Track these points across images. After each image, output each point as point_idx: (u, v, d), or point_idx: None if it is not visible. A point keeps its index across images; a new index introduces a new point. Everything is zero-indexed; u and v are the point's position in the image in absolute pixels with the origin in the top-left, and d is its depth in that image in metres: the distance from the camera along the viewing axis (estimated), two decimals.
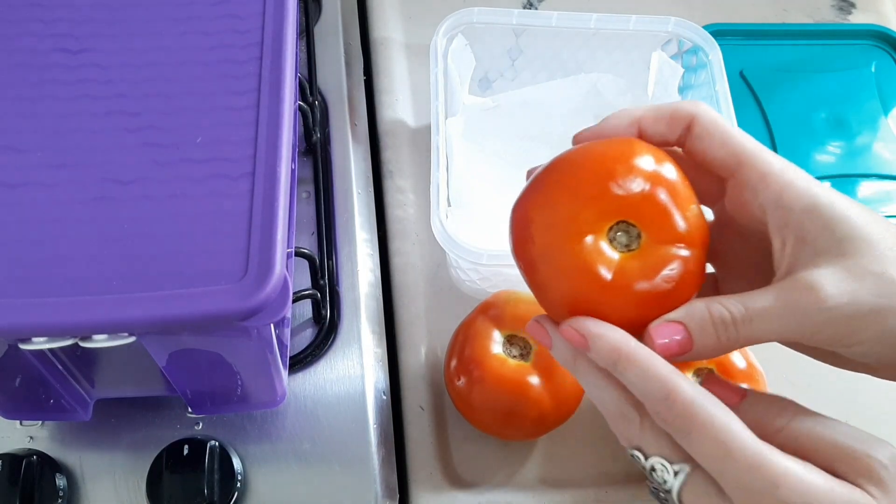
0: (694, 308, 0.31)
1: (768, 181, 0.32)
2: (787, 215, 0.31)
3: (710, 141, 0.33)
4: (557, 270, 0.32)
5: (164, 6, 0.43)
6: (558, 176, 0.33)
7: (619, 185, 0.32)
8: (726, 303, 0.31)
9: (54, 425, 0.49)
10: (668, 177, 0.32)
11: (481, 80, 0.65)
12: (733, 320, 0.31)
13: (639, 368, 0.30)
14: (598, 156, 0.33)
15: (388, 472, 0.50)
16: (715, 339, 0.31)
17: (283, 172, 0.38)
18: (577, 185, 0.32)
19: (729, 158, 0.33)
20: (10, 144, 0.38)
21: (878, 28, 0.71)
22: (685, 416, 0.29)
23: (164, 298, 0.34)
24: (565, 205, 0.32)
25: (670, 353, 0.31)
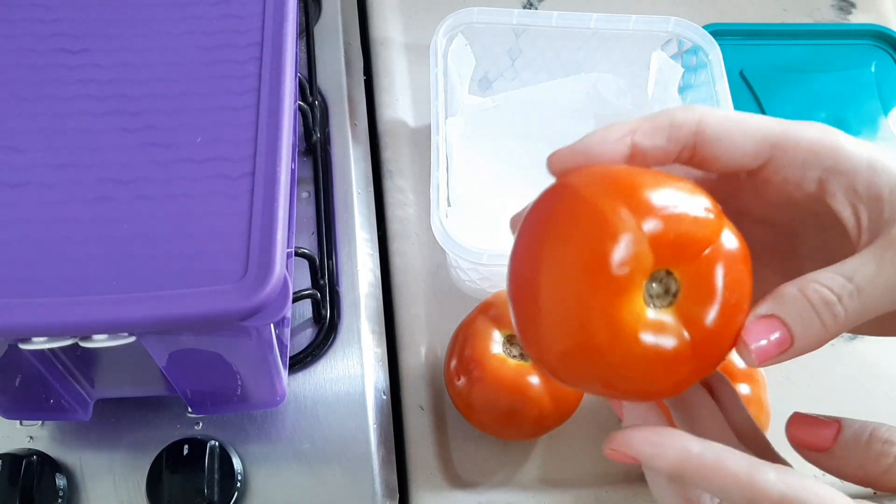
0: (785, 295, 0.27)
1: (817, 150, 0.29)
2: (851, 177, 0.28)
3: (731, 138, 0.29)
4: (582, 333, 0.26)
5: (164, 6, 0.43)
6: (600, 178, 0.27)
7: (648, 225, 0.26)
8: (822, 278, 0.27)
9: (54, 425, 0.49)
10: (733, 249, 0.27)
11: (481, 80, 0.65)
12: (838, 297, 0.26)
13: (711, 480, 0.27)
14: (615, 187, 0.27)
15: (388, 472, 0.50)
16: (820, 327, 0.26)
17: (283, 172, 0.38)
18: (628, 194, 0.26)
19: (760, 146, 0.29)
20: (10, 144, 0.38)
21: (878, 28, 0.71)
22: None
23: (164, 298, 0.34)
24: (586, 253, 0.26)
25: (768, 358, 0.27)
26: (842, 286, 0.26)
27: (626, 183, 0.27)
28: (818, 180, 0.29)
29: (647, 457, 0.27)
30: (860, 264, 0.27)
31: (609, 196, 0.26)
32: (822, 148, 0.29)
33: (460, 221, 0.56)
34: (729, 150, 0.29)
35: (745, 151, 0.29)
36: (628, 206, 0.26)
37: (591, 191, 0.27)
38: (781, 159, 0.29)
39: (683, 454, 0.27)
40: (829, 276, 0.27)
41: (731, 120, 0.29)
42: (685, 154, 0.30)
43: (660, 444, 0.27)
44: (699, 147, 0.30)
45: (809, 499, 0.26)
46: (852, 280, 0.26)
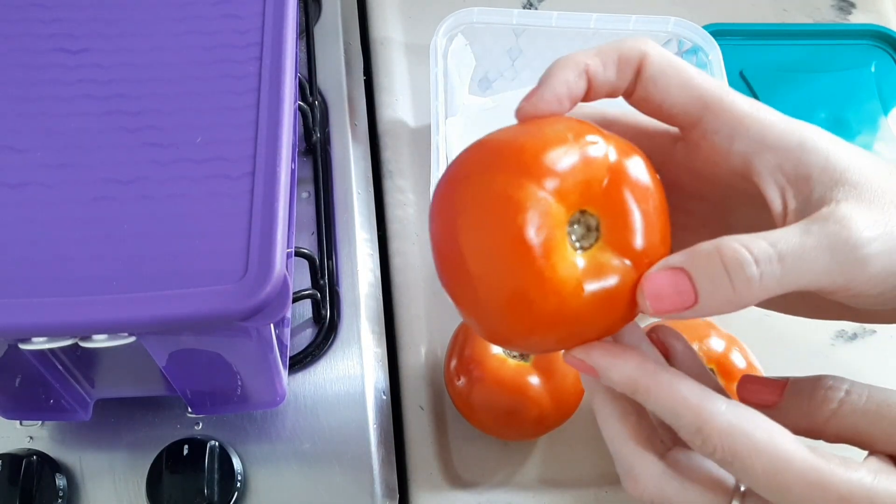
0: (700, 250, 0.26)
1: (747, 123, 0.28)
2: (780, 155, 0.27)
3: (667, 84, 0.29)
4: (497, 270, 0.27)
5: (164, 6, 0.43)
6: (492, 158, 0.28)
7: (576, 168, 0.27)
8: (742, 238, 0.25)
9: (54, 425, 0.49)
10: (632, 169, 0.28)
11: (481, 80, 0.65)
12: (756, 261, 0.25)
13: (663, 400, 0.27)
14: (541, 137, 0.28)
15: (388, 472, 0.50)
16: (729, 290, 0.25)
17: (283, 172, 0.38)
18: (522, 166, 0.27)
19: (692, 103, 0.29)
20: (10, 144, 0.38)
21: (878, 28, 0.71)
22: (724, 446, 0.26)
23: (164, 298, 0.34)
24: (506, 188, 0.27)
25: (666, 312, 0.26)
26: (762, 249, 0.25)
27: (516, 153, 0.27)
28: (744, 155, 0.28)
29: (603, 366, 0.28)
30: (785, 233, 0.26)
31: (504, 175, 0.27)
32: (752, 121, 0.28)
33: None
34: (662, 95, 0.29)
35: (677, 101, 0.29)
36: (524, 176, 0.26)
37: (488, 177, 0.27)
38: (711, 123, 0.28)
39: (640, 369, 0.27)
40: (750, 238, 0.25)
41: (673, 66, 0.29)
42: (629, 89, 0.30)
43: (619, 354, 0.28)
44: (638, 85, 0.29)
45: (755, 432, 0.26)
46: (775, 245, 0.25)
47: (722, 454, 0.26)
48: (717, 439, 0.26)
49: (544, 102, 0.29)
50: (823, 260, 0.25)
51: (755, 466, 0.26)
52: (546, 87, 0.29)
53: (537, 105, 0.29)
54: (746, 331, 0.53)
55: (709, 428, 0.26)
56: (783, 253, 0.25)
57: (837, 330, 0.59)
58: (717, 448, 0.26)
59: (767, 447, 0.26)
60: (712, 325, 0.52)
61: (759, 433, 0.26)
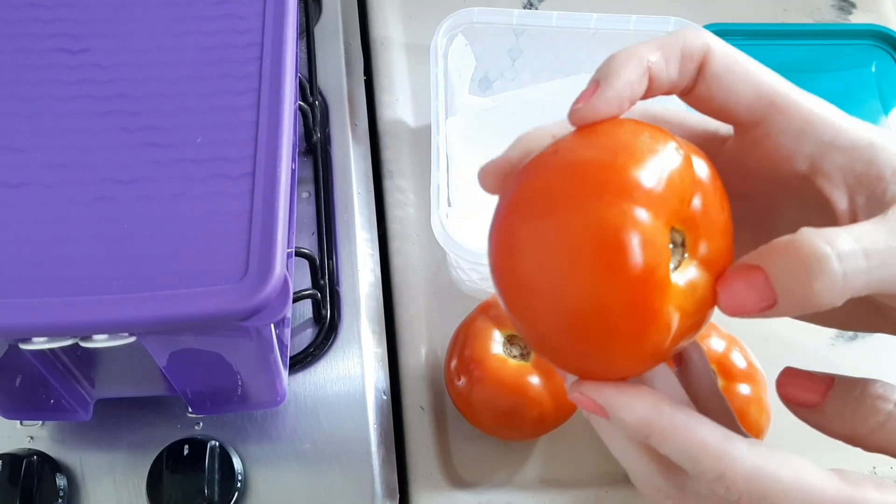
0: (775, 243, 0.24)
1: (815, 123, 0.26)
2: (851, 155, 0.26)
3: (732, 82, 0.27)
4: (605, 310, 0.24)
5: (165, 6, 0.43)
6: (580, 180, 0.25)
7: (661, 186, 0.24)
8: (826, 233, 0.23)
9: (54, 425, 0.49)
10: (706, 180, 0.26)
11: (481, 80, 0.65)
12: (839, 256, 0.23)
13: (679, 445, 0.25)
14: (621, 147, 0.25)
15: (388, 472, 0.50)
16: (808, 287, 0.23)
17: (283, 172, 0.38)
18: (619, 188, 0.24)
19: (757, 102, 0.27)
20: (10, 144, 0.38)
21: (878, 28, 0.71)
22: (752, 492, 0.25)
23: (164, 298, 0.34)
24: (607, 216, 0.24)
25: (744, 313, 0.24)
26: (845, 243, 0.23)
27: (607, 172, 0.25)
28: (811, 157, 0.27)
29: (614, 406, 0.26)
30: (869, 228, 0.23)
31: (602, 201, 0.24)
32: (821, 122, 0.27)
33: (460, 221, 0.56)
34: (726, 93, 0.27)
35: (741, 100, 0.27)
36: (626, 200, 0.24)
37: (583, 205, 0.25)
38: (777, 122, 0.27)
39: (654, 410, 0.25)
40: (834, 231, 0.23)
41: (740, 62, 0.27)
42: (688, 87, 0.28)
43: (631, 394, 0.26)
44: (699, 83, 0.27)
45: (781, 472, 0.25)
46: (860, 240, 0.23)
47: (749, 500, 0.25)
48: (742, 485, 0.25)
49: (605, 106, 0.26)
50: None
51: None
52: (608, 89, 0.26)
53: (597, 109, 0.26)
54: (746, 331, 0.53)
55: (732, 474, 0.25)
56: (870, 249, 0.23)
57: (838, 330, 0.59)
58: (744, 494, 0.25)
59: (796, 486, 0.24)
60: (712, 324, 0.52)
61: (784, 472, 0.25)
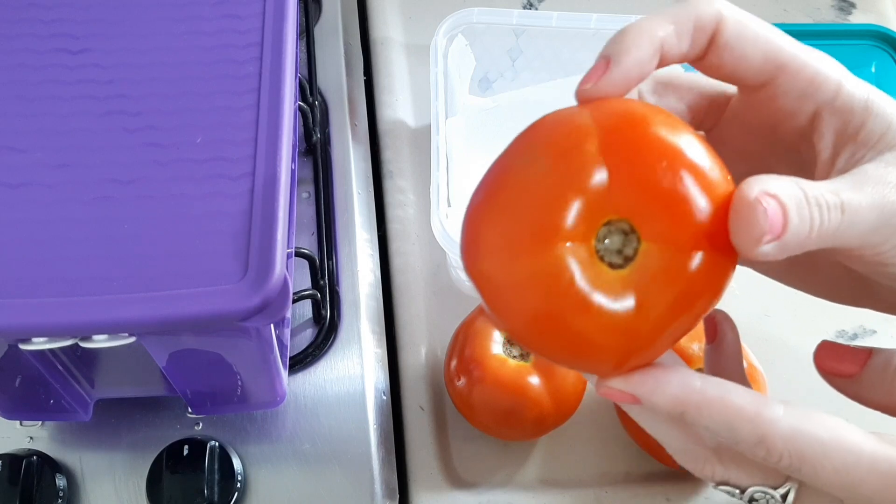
0: (782, 184, 0.24)
1: (818, 83, 0.27)
2: (845, 117, 0.27)
3: (742, 48, 0.27)
4: (516, 288, 0.24)
5: (164, 6, 0.43)
6: (521, 159, 0.25)
7: (608, 168, 0.24)
8: (816, 183, 0.25)
9: (54, 425, 0.49)
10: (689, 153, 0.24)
11: (481, 80, 0.65)
12: (828, 206, 0.24)
13: (716, 416, 0.25)
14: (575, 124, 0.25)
15: (388, 472, 0.50)
16: (808, 227, 0.24)
17: (283, 172, 0.38)
18: (542, 173, 0.24)
19: (767, 64, 0.27)
20: (10, 144, 0.38)
21: (878, 28, 0.71)
22: (792, 453, 0.25)
23: (164, 298, 0.34)
24: (530, 196, 0.24)
25: (761, 235, 0.24)
26: (831, 197, 0.24)
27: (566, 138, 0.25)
28: (811, 116, 0.28)
29: (646, 392, 0.26)
30: (842, 185, 0.25)
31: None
32: (824, 79, 0.27)
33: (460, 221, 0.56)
34: (736, 59, 0.27)
35: (751, 65, 0.27)
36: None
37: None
38: (783, 84, 0.27)
39: (685, 388, 0.26)
40: (817, 184, 0.24)
41: (750, 27, 0.27)
42: (700, 56, 0.28)
43: (660, 378, 0.26)
44: (711, 51, 0.27)
45: (819, 432, 0.25)
46: (837, 194, 0.25)
47: (790, 461, 0.25)
48: (782, 446, 0.25)
49: (612, 86, 0.26)
50: (872, 218, 0.25)
51: (826, 467, 0.25)
52: (617, 69, 0.26)
53: (602, 89, 0.26)
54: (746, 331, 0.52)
55: (772, 437, 0.25)
56: (844, 204, 0.24)
57: (837, 330, 0.59)
58: (784, 455, 0.25)
59: (835, 445, 0.25)
60: None
61: (823, 433, 0.25)
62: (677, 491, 0.51)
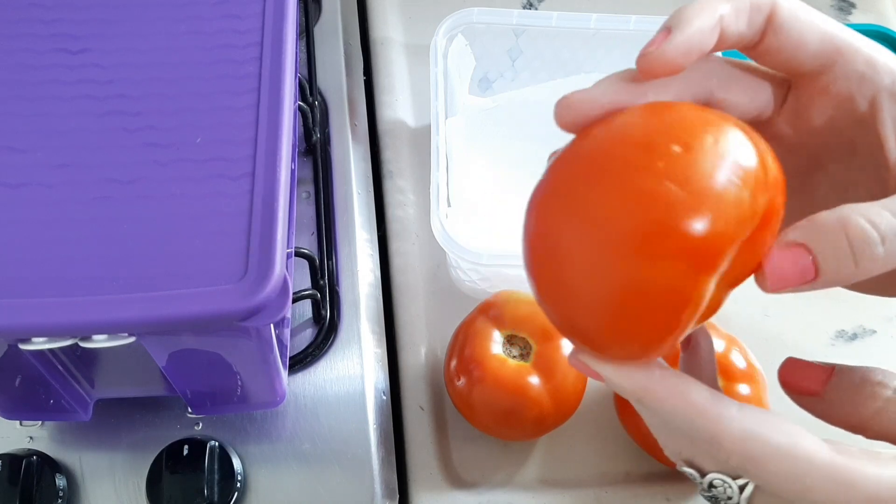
0: (821, 224, 0.24)
1: (878, 67, 0.27)
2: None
3: (799, 31, 0.27)
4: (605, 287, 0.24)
5: (164, 6, 0.43)
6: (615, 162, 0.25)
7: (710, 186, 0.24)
8: (867, 212, 0.23)
9: (54, 425, 0.49)
10: (771, 169, 0.25)
11: (481, 80, 0.65)
12: (882, 237, 0.23)
13: (673, 408, 0.26)
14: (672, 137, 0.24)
15: (388, 472, 0.50)
16: (852, 266, 0.24)
17: (283, 172, 0.38)
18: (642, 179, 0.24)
19: (824, 48, 0.27)
20: (10, 144, 0.38)
21: (878, 28, 0.71)
22: (739, 452, 0.25)
23: (164, 298, 0.34)
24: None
25: (785, 286, 0.25)
26: (889, 224, 0.23)
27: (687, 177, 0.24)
28: (870, 100, 0.27)
29: (610, 373, 0.26)
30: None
31: (660, 181, 0.24)
32: (883, 65, 0.27)
33: (460, 221, 0.56)
34: (793, 45, 0.27)
35: (809, 49, 0.27)
36: (680, 184, 0.23)
37: (638, 185, 0.24)
38: (843, 68, 0.27)
39: (647, 376, 0.26)
40: (876, 211, 0.23)
41: (802, 11, 0.27)
42: (754, 41, 0.27)
43: (619, 367, 0.26)
44: (767, 35, 0.27)
45: (773, 436, 0.25)
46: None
47: (738, 461, 0.25)
48: (731, 447, 0.25)
49: (675, 51, 0.26)
50: None
51: (777, 472, 0.25)
52: (679, 35, 0.26)
53: (667, 54, 0.26)
54: (746, 331, 0.53)
55: (721, 435, 0.25)
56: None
57: (837, 330, 0.59)
58: (733, 455, 0.25)
59: (789, 451, 0.25)
60: (712, 325, 0.52)
61: (776, 436, 0.25)
62: (677, 491, 0.52)
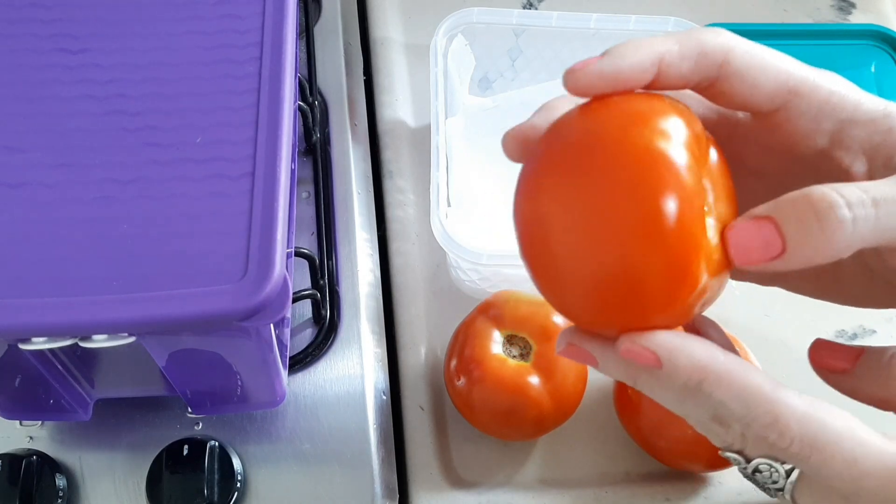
0: (786, 197, 0.24)
1: (834, 102, 0.27)
2: (869, 128, 0.27)
3: (753, 77, 0.27)
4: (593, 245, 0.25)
5: (165, 6, 0.43)
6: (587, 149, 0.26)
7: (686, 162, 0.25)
8: (834, 185, 0.24)
9: (54, 425, 0.49)
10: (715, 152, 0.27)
11: (481, 80, 0.65)
12: (848, 203, 0.23)
13: (732, 390, 0.25)
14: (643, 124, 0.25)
15: (388, 472, 0.50)
16: (819, 234, 0.23)
17: (283, 172, 0.38)
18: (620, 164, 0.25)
19: (778, 91, 0.28)
20: (10, 144, 0.38)
21: (878, 28, 0.71)
22: (803, 437, 0.25)
23: (164, 298, 0.34)
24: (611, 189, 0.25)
25: (752, 263, 0.25)
26: (853, 192, 0.24)
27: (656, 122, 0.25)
28: (831, 133, 0.28)
29: (670, 353, 0.25)
30: (875, 183, 0.24)
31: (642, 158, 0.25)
32: (839, 98, 0.28)
33: (460, 221, 0.56)
34: (747, 90, 0.28)
35: (764, 91, 0.28)
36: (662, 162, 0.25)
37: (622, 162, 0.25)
38: (797, 107, 0.28)
39: (710, 357, 0.25)
40: (839, 184, 0.24)
41: (756, 57, 0.28)
42: (703, 84, 0.28)
43: (686, 341, 0.26)
44: (720, 80, 0.28)
45: (830, 419, 0.25)
46: (867, 191, 0.24)
47: (800, 446, 0.25)
48: (795, 430, 0.25)
49: (600, 78, 0.26)
50: None
51: (835, 456, 0.25)
52: (611, 62, 0.26)
53: (589, 76, 0.27)
54: (746, 331, 0.53)
55: (786, 418, 0.25)
56: (877, 197, 0.24)
57: (837, 330, 0.59)
58: (795, 439, 0.25)
59: (847, 435, 0.25)
60: None
61: (835, 421, 0.25)
62: (677, 491, 0.52)
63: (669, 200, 0.24)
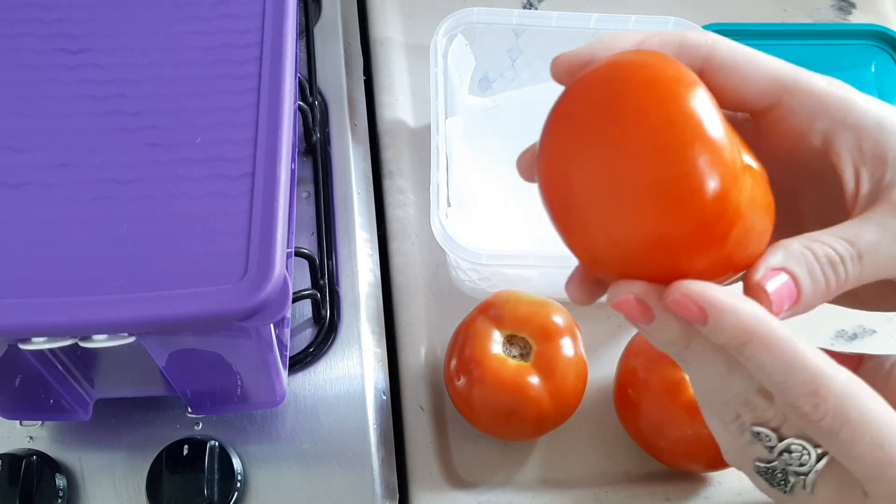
0: (792, 250, 0.26)
1: (827, 101, 0.28)
2: (859, 134, 0.27)
3: (742, 71, 0.28)
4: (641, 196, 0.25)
5: (164, 6, 0.43)
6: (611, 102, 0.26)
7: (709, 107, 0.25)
8: (825, 239, 0.26)
9: (54, 425, 0.49)
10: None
11: (481, 80, 0.65)
12: (841, 260, 0.26)
13: (778, 355, 0.25)
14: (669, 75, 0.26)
15: (388, 472, 0.50)
16: (824, 287, 0.26)
17: (283, 172, 0.38)
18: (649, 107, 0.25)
19: (768, 87, 0.28)
20: (10, 144, 0.38)
21: (878, 28, 0.71)
22: (838, 412, 0.25)
23: (164, 298, 0.34)
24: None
25: (781, 307, 0.26)
26: (844, 249, 0.26)
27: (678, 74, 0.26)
28: (824, 134, 0.28)
29: (722, 309, 0.25)
30: (861, 229, 0.26)
31: (680, 117, 0.25)
32: (832, 99, 0.28)
33: (460, 221, 0.56)
34: (738, 83, 0.28)
35: (755, 87, 0.28)
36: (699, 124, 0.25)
37: (658, 118, 0.25)
38: (790, 104, 0.28)
39: (759, 318, 0.25)
40: (831, 238, 0.26)
41: (743, 53, 0.28)
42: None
43: (738, 300, 0.25)
44: (707, 74, 0.28)
45: (871, 402, 0.25)
46: (854, 244, 0.26)
47: (832, 421, 0.25)
48: (832, 403, 0.25)
49: (578, 57, 0.28)
50: (893, 249, 0.26)
51: (864, 437, 0.25)
52: (590, 49, 0.28)
53: (571, 61, 0.28)
54: None
55: (826, 391, 0.25)
56: (861, 252, 0.26)
57: (837, 330, 0.59)
58: (829, 413, 0.25)
59: (882, 418, 0.25)
60: None
61: (873, 403, 0.25)
62: (677, 491, 0.52)
63: (708, 137, 0.25)
